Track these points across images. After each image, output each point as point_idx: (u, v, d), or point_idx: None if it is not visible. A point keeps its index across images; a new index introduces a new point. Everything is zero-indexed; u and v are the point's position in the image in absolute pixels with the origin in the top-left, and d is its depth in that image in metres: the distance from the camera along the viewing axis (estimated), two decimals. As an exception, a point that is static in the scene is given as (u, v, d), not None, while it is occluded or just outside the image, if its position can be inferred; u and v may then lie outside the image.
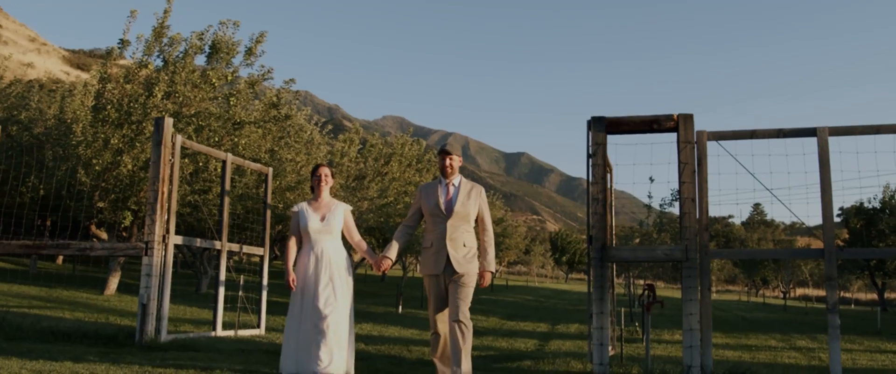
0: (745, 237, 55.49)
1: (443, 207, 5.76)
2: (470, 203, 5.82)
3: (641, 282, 36.86)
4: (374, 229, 21.90)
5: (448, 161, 5.88)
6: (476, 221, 5.91)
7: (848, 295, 56.52)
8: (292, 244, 5.95)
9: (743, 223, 61.29)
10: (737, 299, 43.95)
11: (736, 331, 15.73)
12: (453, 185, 5.87)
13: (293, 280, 5.72)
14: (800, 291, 59.37)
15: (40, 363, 5.51)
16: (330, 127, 24.23)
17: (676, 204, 14.62)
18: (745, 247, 50.92)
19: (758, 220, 62.59)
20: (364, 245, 6.15)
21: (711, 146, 7.11)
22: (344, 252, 5.94)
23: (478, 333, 11.92)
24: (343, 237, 6.08)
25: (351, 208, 6.24)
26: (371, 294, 24.81)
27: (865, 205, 27.41)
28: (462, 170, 6.14)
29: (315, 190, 6.09)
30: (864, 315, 26.39)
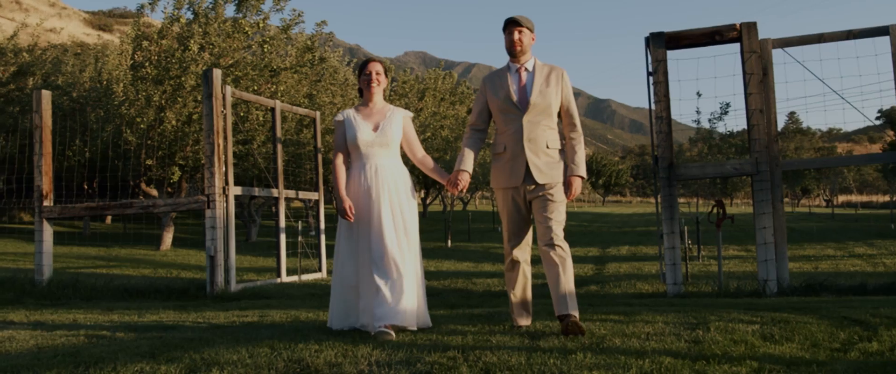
0: (781, 148, 54.63)
1: (515, 98, 4.35)
2: (550, 91, 4.35)
3: (683, 200, 36.63)
4: (414, 168, 21.94)
5: (517, 35, 4.38)
6: (559, 114, 4.48)
7: (886, 199, 55.74)
8: (340, 162, 4.57)
9: (778, 134, 60.24)
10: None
11: (790, 243, 15.59)
12: (526, 69, 4.42)
13: (351, 208, 4.39)
14: (842, 198, 58.68)
15: (128, 320, 5.61)
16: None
17: (725, 118, 14.35)
18: (784, 157, 50.22)
19: (793, 129, 61.50)
20: (430, 162, 4.74)
21: (777, 55, 6.90)
22: (405, 171, 4.59)
23: (532, 260, 11.97)
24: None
25: (411, 114, 4.81)
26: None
27: (910, 105, 26.64)
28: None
29: (364, 93, 4.68)
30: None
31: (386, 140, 4.49)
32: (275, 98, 14.31)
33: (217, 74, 8.18)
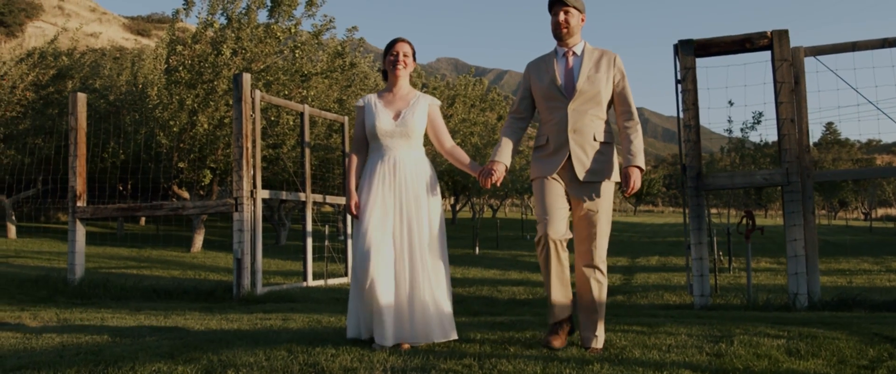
0: (819, 159, 53.65)
1: (560, 83, 3.91)
2: (600, 77, 3.90)
3: (715, 211, 36.12)
4: (444, 173, 21.96)
5: (563, 16, 3.95)
6: (611, 103, 4.02)
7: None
8: (355, 155, 4.20)
9: (815, 144, 59.20)
10: (816, 223, 42.83)
11: (824, 256, 15.31)
12: (574, 53, 3.98)
13: (357, 205, 4.01)
14: (881, 211, 57.51)
15: (154, 320, 5.67)
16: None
17: (758, 127, 14.14)
18: (820, 168, 49.33)
19: (831, 140, 60.45)
20: (460, 153, 4.24)
21: (809, 63, 6.78)
22: (428, 166, 4.15)
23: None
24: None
25: (439, 101, 4.34)
26: (444, 238, 24.91)
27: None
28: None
29: (389, 76, 4.23)
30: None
31: (407, 130, 4.06)
32: (305, 103, 14.43)
33: (246, 78, 8.26)
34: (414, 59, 4.21)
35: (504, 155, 4.00)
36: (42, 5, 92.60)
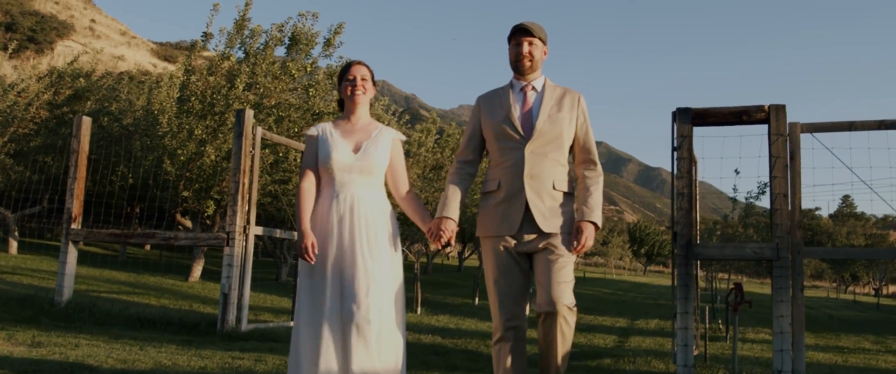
0: (833, 231, 53.28)
1: (517, 122, 3.48)
2: (562, 117, 3.49)
3: (721, 276, 35.78)
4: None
5: (527, 48, 3.54)
6: (572, 148, 3.59)
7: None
8: (306, 188, 3.62)
9: (830, 216, 58.90)
10: (825, 296, 42.30)
11: (825, 331, 15.11)
12: (533, 88, 3.57)
13: (313, 246, 3.46)
14: (893, 288, 56.76)
15: (126, 351, 5.64)
16: (407, 117, 24.31)
17: (763, 197, 14.10)
18: (833, 242, 48.90)
19: (847, 213, 60.18)
20: (415, 202, 3.73)
21: (805, 139, 6.75)
22: (388, 207, 3.66)
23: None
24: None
25: (403, 136, 3.83)
26: (447, 284, 24.86)
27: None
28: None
29: (346, 104, 3.73)
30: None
31: (368, 165, 3.58)
32: (313, 141, 14.51)
33: (249, 113, 8.33)
34: (373, 84, 3.76)
35: (452, 210, 3.54)
36: (74, 25, 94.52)
